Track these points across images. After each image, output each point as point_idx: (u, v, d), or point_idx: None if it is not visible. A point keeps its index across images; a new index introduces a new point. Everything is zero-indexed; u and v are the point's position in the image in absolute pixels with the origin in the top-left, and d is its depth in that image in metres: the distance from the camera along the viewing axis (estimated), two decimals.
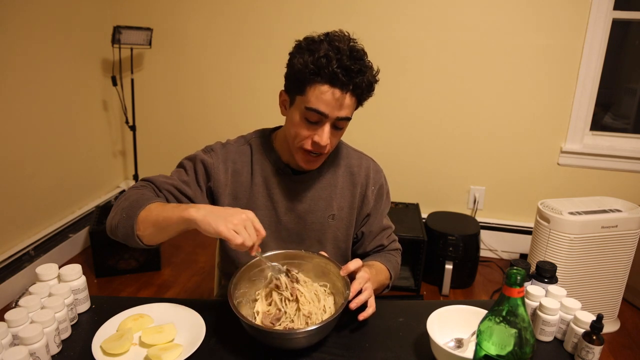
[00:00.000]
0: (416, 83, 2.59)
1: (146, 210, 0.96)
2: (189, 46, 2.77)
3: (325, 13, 2.56)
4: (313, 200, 1.15)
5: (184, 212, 0.90)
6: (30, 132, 2.29)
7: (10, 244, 2.24)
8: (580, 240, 1.92)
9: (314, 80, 0.96)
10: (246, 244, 0.87)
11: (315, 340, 0.91)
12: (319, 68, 0.95)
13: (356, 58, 0.96)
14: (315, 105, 0.97)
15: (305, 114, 0.99)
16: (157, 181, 1.09)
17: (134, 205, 0.98)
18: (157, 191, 1.08)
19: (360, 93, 1.00)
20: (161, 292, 2.36)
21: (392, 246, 1.27)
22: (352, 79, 0.96)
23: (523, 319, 0.71)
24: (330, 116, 0.98)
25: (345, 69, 0.95)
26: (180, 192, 1.09)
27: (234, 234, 0.86)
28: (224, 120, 2.87)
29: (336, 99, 0.97)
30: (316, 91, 0.96)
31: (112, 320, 0.96)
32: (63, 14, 2.42)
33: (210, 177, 1.11)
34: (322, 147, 1.02)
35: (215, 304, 1.05)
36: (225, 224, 0.86)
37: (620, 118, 2.66)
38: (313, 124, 1.00)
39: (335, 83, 0.95)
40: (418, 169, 2.74)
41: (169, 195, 1.08)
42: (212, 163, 1.11)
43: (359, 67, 0.96)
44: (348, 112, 1.00)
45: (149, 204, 0.97)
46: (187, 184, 1.10)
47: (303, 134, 1.02)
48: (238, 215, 0.88)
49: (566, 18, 2.34)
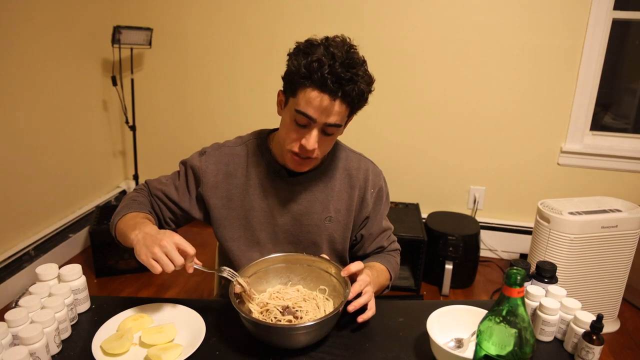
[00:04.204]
0: (416, 83, 2.59)
1: (121, 220, 1.05)
2: (189, 46, 2.77)
3: (326, 13, 2.56)
4: (309, 202, 1.14)
5: (131, 232, 0.96)
6: (30, 132, 2.29)
7: (10, 244, 2.24)
8: (580, 240, 1.92)
9: (304, 84, 0.95)
10: (166, 270, 0.89)
11: (316, 338, 0.91)
12: (310, 72, 0.94)
13: (349, 66, 0.94)
14: (304, 109, 0.96)
15: (294, 116, 0.99)
16: (151, 186, 1.17)
17: (119, 211, 1.08)
18: (150, 196, 1.16)
19: (350, 101, 0.98)
20: (161, 292, 2.36)
21: (391, 247, 1.27)
22: (342, 86, 0.94)
23: (523, 319, 0.71)
24: (318, 121, 0.97)
25: (335, 76, 0.93)
26: (168, 197, 1.15)
27: (152, 262, 0.88)
28: (224, 120, 2.87)
29: (324, 106, 0.95)
30: (306, 95, 0.96)
31: (112, 320, 0.96)
32: (63, 13, 2.43)
33: (200, 182, 1.13)
34: (309, 152, 1.01)
35: (215, 304, 1.05)
36: (146, 253, 0.89)
37: (620, 118, 2.66)
38: (302, 127, 1.00)
39: (325, 89, 0.94)
40: (418, 169, 2.74)
41: (157, 200, 1.15)
42: (200, 167, 1.13)
43: (350, 76, 0.94)
44: (337, 119, 0.99)
45: (128, 213, 1.06)
46: (177, 188, 1.15)
47: (292, 136, 1.01)
48: (157, 243, 0.90)
49: (566, 18, 2.34)
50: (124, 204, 1.11)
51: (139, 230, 0.95)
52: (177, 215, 1.16)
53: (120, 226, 1.04)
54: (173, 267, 0.89)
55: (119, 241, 1.07)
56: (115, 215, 1.09)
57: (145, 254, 0.89)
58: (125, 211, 1.07)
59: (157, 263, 0.88)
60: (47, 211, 2.46)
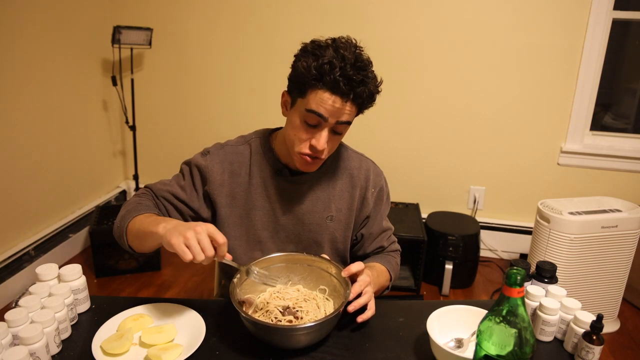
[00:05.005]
0: (417, 83, 2.59)
1: (133, 222, 1.01)
2: (189, 46, 2.77)
3: (326, 14, 2.56)
4: (311, 201, 1.15)
5: (154, 227, 0.92)
6: (30, 132, 2.29)
7: (10, 244, 2.24)
8: (580, 240, 1.92)
9: (315, 85, 0.96)
10: (196, 259, 0.85)
11: (316, 338, 0.91)
12: (322, 74, 0.94)
13: (360, 68, 0.96)
14: (317, 109, 0.97)
15: (305, 117, 0.99)
16: (155, 188, 1.13)
17: (127, 215, 1.03)
18: (155, 198, 1.12)
19: (361, 102, 1.00)
20: (161, 292, 2.36)
21: (391, 247, 1.27)
22: (354, 88, 0.95)
23: (523, 319, 0.71)
24: (329, 120, 0.98)
25: (347, 78, 0.94)
26: (176, 197, 1.12)
27: (184, 248, 0.84)
28: (224, 120, 2.87)
29: (337, 107, 0.97)
30: (317, 96, 0.96)
31: (112, 320, 0.96)
32: (63, 13, 2.42)
33: (206, 180, 1.12)
34: (319, 152, 1.02)
35: (215, 304, 1.05)
36: (178, 237, 0.85)
37: (620, 118, 2.66)
38: (312, 127, 1.00)
39: (337, 91, 0.95)
40: (418, 169, 2.74)
41: (164, 201, 1.12)
42: (206, 166, 1.12)
43: (362, 78, 0.96)
44: (348, 118, 1.00)
45: (138, 215, 1.02)
46: (184, 188, 1.13)
47: (302, 136, 1.02)
48: (191, 229, 0.86)
49: (566, 18, 2.34)
50: (130, 208, 1.06)
51: (166, 223, 0.90)
52: (185, 216, 1.14)
53: (134, 227, 0.99)
54: (203, 257, 0.85)
55: (129, 245, 1.03)
56: (121, 219, 1.04)
57: (177, 238, 0.84)
58: (135, 213, 1.03)
59: (188, 250, 0.84)
60: (47, 211, 2.46)
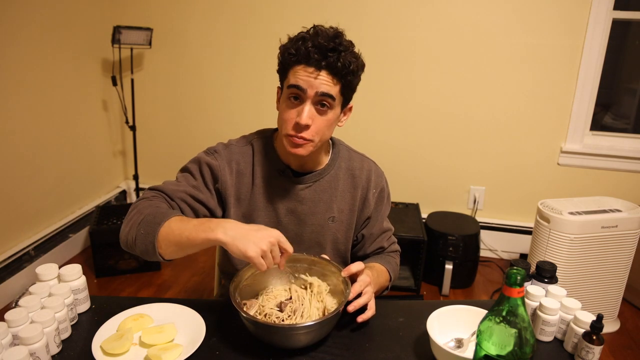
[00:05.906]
0: (416, 83, 2.59)
1: (166, 228, 0.93)
2: (189, 46, 2.77)
3: (326, 15, 2.56)
4: (313, 202, 1.15)
5: (210, 233, 0.89)
6: (30, 132, 2.29)
7: (10, 244, 2.24)
8: (580, 240, 1.92)
9: (293, 63, 1.00)
10: (267, 268, 0.88)
11: (316, 338, 0.91)
12: (297, 50, 0.98)
13: (332, 37, 0.98)
14: (294, 82, 0.99)
15: (287, 95, 1.02)
16: (167, 190, 1.06)
17: (151, 221, 0.94)
18: (170, 200, 1.05)
19: (337, 73, 0.99)
20: (161, 292, 2.36)
21: (391, 248, 1.27)
22: (326, 58, 0.97)
23: (523, 319, 0.71)
24: (308, 92, 0.99)
25: (317, 47, 0.97)
26: (194, 198, 1.08)
27: (262, 261, 0.86)
28: (224, 120, 2.87)
29: (312, 76, 0.98)
30: (294, 71, 1.00)
31: (112, 320, 0.96)
32: (63, 13, 2.42)
33: (217, 179, 1.11)
34: (303, 127, 1.00)
35: (215, 304, 1.05)
36: (255, 248, 0.86)
37: (620, 118, 2.66)
38: (295, 102, 1.01)
39: (310, 62, 0.97)
40: (418, 169, 2.74)
41: (182, 203, 1.06)
42: (217, 165, 1.10)
43: (334, 46, 0.97)
44: (327, 89, 0.99)
45: (168, 220, 0.94)
46: (197, 188, 1.09)
47: (289, 115, 1.02)
48: (266, 239, 0.87)
49: (566, 18, 2.34)
50: (150, 211, 0.97)
51: (223, 228, 0.88)
52: (199, 216, 1.10)
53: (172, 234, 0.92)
54: (273, 266, 0.90)
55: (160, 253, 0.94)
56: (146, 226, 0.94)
57: (254, 250, 0.85)
58: (163, 217, 0.94)
59: (264, 261, 0.87)
60: (47, 211, 2.46)
